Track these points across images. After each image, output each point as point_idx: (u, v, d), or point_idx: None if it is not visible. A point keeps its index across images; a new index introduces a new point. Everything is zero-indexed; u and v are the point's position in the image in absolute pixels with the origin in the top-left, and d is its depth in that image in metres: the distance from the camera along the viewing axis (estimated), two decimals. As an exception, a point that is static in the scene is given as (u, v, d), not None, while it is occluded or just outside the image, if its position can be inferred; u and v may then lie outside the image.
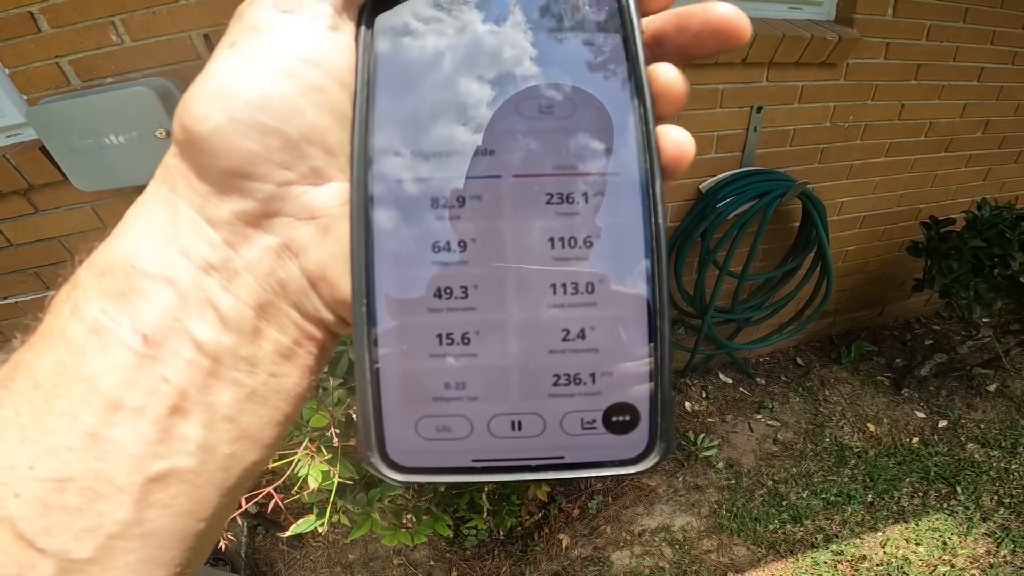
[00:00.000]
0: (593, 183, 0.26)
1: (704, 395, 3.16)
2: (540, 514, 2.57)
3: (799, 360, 3.42)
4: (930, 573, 2.35)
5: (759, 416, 3.05)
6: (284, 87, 0.25)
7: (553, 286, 0.26)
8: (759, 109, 2.40)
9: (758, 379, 3.26)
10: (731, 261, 2.60)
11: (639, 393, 0.27)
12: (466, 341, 0.26)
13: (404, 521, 1.69)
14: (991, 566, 2.34)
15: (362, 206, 0.26)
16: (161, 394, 0.24)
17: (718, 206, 2.46)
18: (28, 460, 0.23)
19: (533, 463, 0.27)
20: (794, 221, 2.77)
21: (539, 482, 0.34)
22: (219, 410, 0.26)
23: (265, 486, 1.31)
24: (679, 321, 3.00)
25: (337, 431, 1.30)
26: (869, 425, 2.98)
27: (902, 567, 2.37)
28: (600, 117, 0.27)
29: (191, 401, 0.25)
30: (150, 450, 0.24)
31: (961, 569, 2.34)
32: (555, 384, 0.27)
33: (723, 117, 2.38)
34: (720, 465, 2.79)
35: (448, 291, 0.26)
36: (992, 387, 3.15)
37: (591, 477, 0.28)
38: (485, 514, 2.04)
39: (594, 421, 0.27)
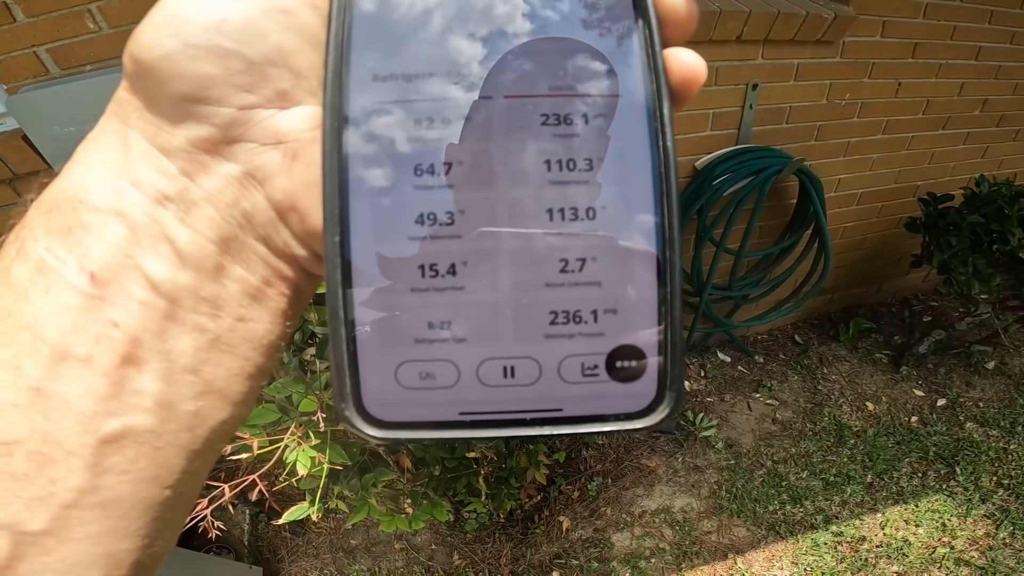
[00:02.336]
0: (594, 104, 0.23)
1: (703, 374, 3.11)
2: (539, 496, 2.54)
3: (797, 338, 3.37)
4: (930, 555, 2.32)
5: (758, 395, 3.01)
6: (244, 9, 0.23)
7: (550, 211, 0.23)
8: (755, 87, 2.35)
9: (756, 357, 3.22)
10: (728, 238, 2.56)
11: (647, 335, 0.23)
12: (452, 272, 0.23)
13: (402, 506, 1.64)
14: (990, 548, 2.31)
15: (336, 128, 0.23)
16: (111, 341, 0.22)
17: (714, 183, 2.42)
18: None
19: (528, 416, 0.24)
20: (791, 198, 2.73)
21: (535, 438, 0.28)
22: (179, 360, 0.23)
23: (250, 472, 1.24)
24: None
25: (324, 415, 1.23)
26: (868, 404, 2.94)
27: (902, 549, 2.34)
28: (603, 38, 0.24)
29: (145, 349, 0.22)
30: (101, 406, 0.21)
31: (960, 551, 2.31)
32: (552, 323, 0.23)
33: (719, 95, 2.33)
34: (719, 445, 2.75)
35: (432, 217, 0.23)
36: (991, 364, 3.10)
37: (593, 433, 0.24)
38: (483, 497, 1.99)
39: (596, 367, 0.24)
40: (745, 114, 2.42)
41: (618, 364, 0.24)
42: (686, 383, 3.03)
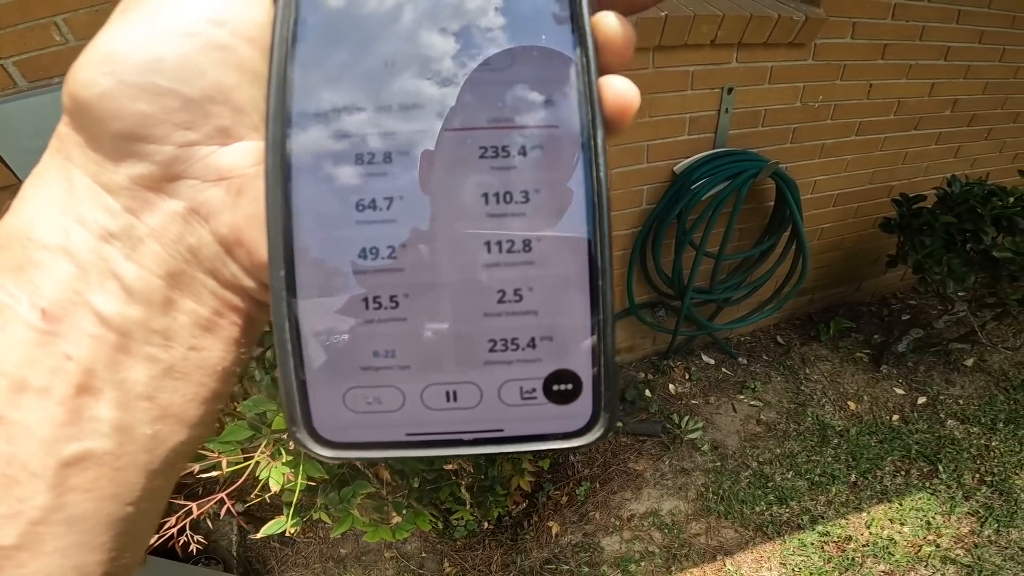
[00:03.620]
0: (530, 136, 0.24)
1: (687, 376, 3.08)
2: (527, 503, 2.50)
3: (779, 338, 3.35)
4: (916, 553, 2.28)
5: (742, 396, 2.98)
6: (180, 47, 0.22)
7: (488, 244, 0.24)
8: (730, 90, 2.33)
9: (740, 359, 3.19)
10: (708, 241, 2.54)
11: (581, 360, 0.24)
12: (395, 304, 0.24)
13: (386, 516, 1.61)
14: (976, 545, 2.28)
15: (278, 164, 0.23)
16: (66, 372, 0.22)
17: (692, 187, 2.40)
18: None
19: (470, 436, 0.25)
20: (768, 200, 2.70)
21: (478, 456, 0.31)
22: (133, 388, 0.24)
23: (220, 490, 1.20)
24: (659, 303, 2.94)
25: None
26: (850, 403, 2.91)
27: (887, 547, 2.30)
28: (539, 68, 0.24)
29: (99, 379, 0.23)
30: (61, 432, 0.22)
31: (946, 549, 2.28)
32: (491, 350, 0.24)
33: (694, 99, 2.31)
34: (705, 447, 2.72)
35: (374, 251, 0.23)
36: (969, 362, 3.07)
37: (532, 451, 0.26)
38: (468, 506, 1.95)
39: (534, 390, 0.24)
40: (721, 118, 2.40)
41: (555, 387, 0.24)
42: (671, 386, 3.02)
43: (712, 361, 3.18)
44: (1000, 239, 2.38)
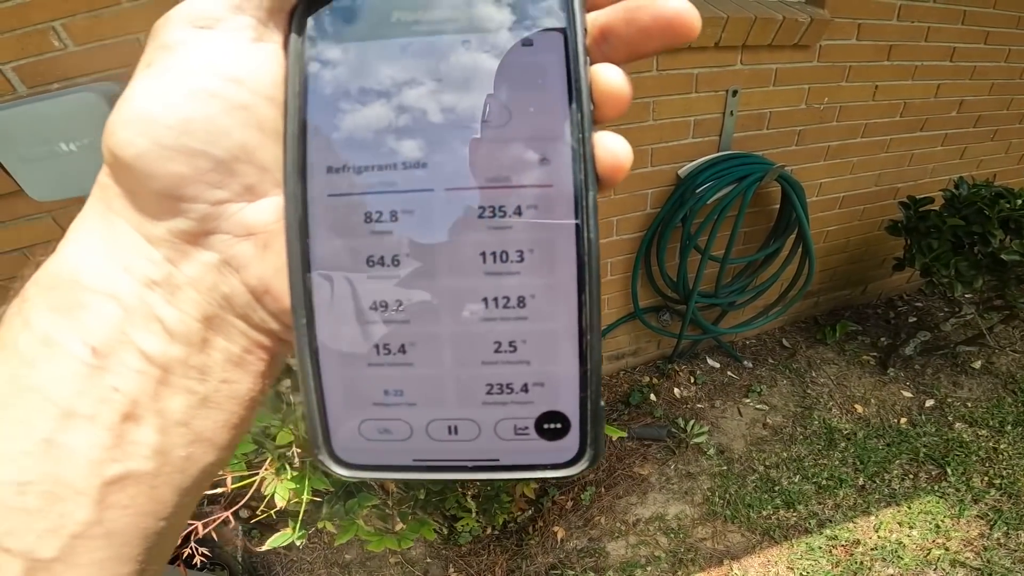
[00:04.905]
0: (525, 196, 0.25)
1: (692, 380, 3.06)
2: (532, 509, 2.48)
3: (785, 342, 3.32)
4: (925, 556, 2.25)
5: (747, 400, 2.95)
6: (205, 108, 0.24)
7: (485, 300, 0.26)
8: (734, 93, 2.31)
9: (745, 362, 3.16)
10: (713, 245, 2.51)
11: (570, 403, 0.26)
12: (403, 351, 0.26)
13: (390, 524, 1.60)
14: (985, 549, 2.24)
15: (296, 223, 0.25)
16: (113, 402, 0.24)
17: (697, 191, 2.37)
18: None
19: (470, 464, 0.27)
20: (774, 203, 2.68)
21: (476, 480, 0.32)
22: (172, 416, 0.26)
23: (227, 507, 1.19)
24: (664, 307, 2.92)
25: (300, 449, 1.18)
26: (857, 406, 2.88)
27: (896, 551, 2.27)
28: (535, 126, 0.25)
29: (143, 408, 0.25)
30: (106, 454, 0.24)
31: (956, 552, 2.25)
32: (488, 393, 0.27)
33: (699, 101, 2.29)
34: (711, 451, 2.69)
35: (383, 304, 0.26)
36: (977, 364, 3.04)
37: (524, 479, 0.29)
38: (474, 514, 1.93)
39: (527, 428, 0.27)
40: (726, 120, 2.37)
41: (545, 426, 0.27)
42: (676, 390, 3.00)
43: (717, 365, 3.15)
44: (1008, 242, 2.35)
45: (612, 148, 0.26)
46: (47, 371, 0.24)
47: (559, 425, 0.27)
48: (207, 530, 1.19)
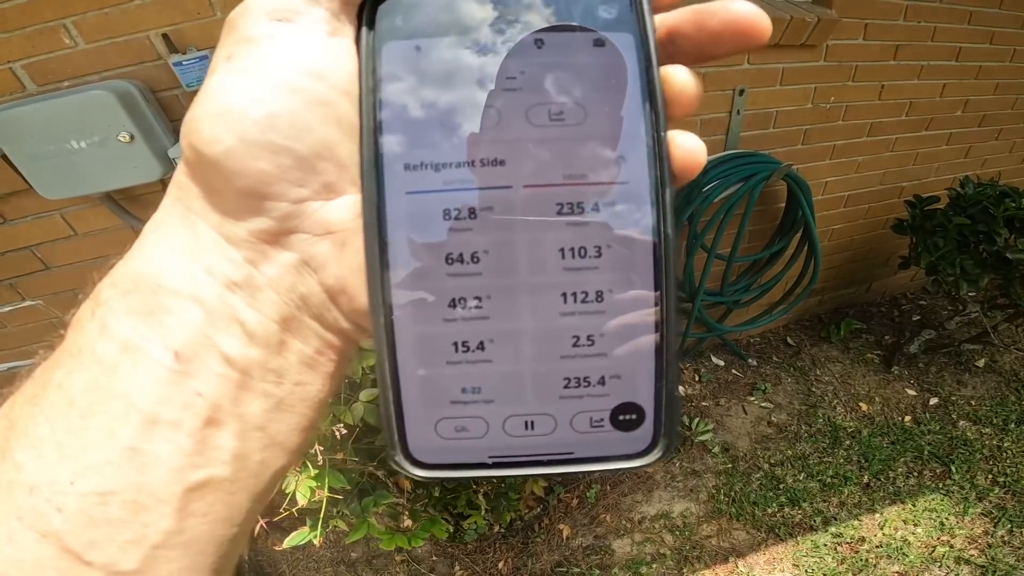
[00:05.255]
0: (603, 192, 0.25)
1: (697, 378, 3.06)
2: (539, 508, 2.48)
3: (789, 340, 3.32)
4: (930, 554, 2.26)
5: (752, 398, 2.96)
6: (290, 103, 0.24)
7: (564, 295, 0.26)
8: (741, 92, 2.31)
9: (750, 360, 3.16)
10: (719, 244, 2.51)
11: (645, 394, 0.27)
12: (481, 348, 0.26)
13: (401, 523, 1.61)
14: (989, 546, 2.25)
15: (374, 221, 0.25)
16: (196, 407, 0.24)
17: (704, 190, 2.38)
18: (68, 476, 0.23)
19: (545, 458, 0.27)
20: (780, 202, 2.68)
21: (550, 475, 0.36)
22: (250, 420, 0.26)
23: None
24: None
25: (322, 447, 1.18)
26: (861, 404, 2.89)
27: (901, 548, 2.28)
28: (611, 124, 0.25)
29: (224, 413, 0.25)
30: (188, 461, 0.24)
31: (960, 550, 2.26)
32: (566, 387, 0.27)
33: (706, 100, 2.28)
34: (716, 449, 2.70)
35: (463, 302, 0.26)
36: (981, 362, 3.04)
37: (598, 471, 0.28)
38: (483, 511, 1.93)
39: (602, 420, 0.27)
40: (733, 119, 2.37)
41: (621, 417, 0.27)
42: (681, 388, 2.98)
43: (722, 363, 3.16)
44: (1013, 240, 2.36)
45: (687, 145, 0.26)
46: (130, 378, 0.24)
47: (634, 416, 0.27)
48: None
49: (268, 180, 0.24)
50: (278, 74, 0.24)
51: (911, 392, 2.93)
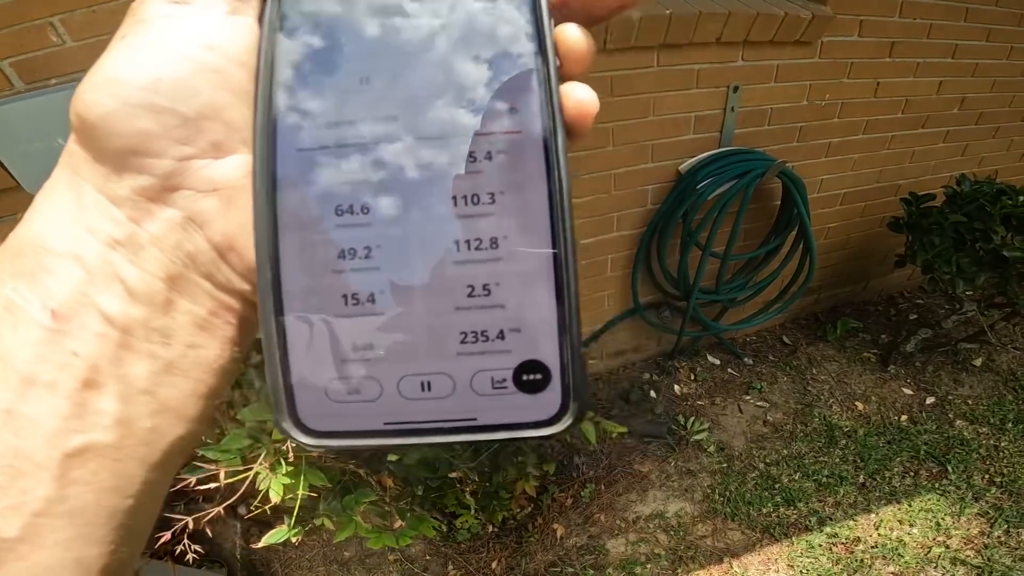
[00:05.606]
0: (496, 142, 0.25)
1: (692, 377, 3.05)
2: (532, 506, 2.47)
3: (785, 338, 3.31)
4: (925, 555, 2.25)
5: (748, 397, 2.95)
6: (177, 70, 0.24)
7: (457, 243, 0.25)
8: (735, 89, 2.30)
9: (746, 359, 3.15)
10: (714, 241, 2.50)
11: (549, 350, 0.26)
12: (372, 300, 0.25)
13: (390, 522, 1.59)
14: (986, 547, 2.24)
15: (265, 174, 0.25)
16: (73, 368, 0.24)
17: (698, 187, 2.36)
18: None
19: (446, 425, 0.26)
20: (775, 200, 2.67)
21: (453, 444, 0.33)
22: (135, 383, 0.25)
23: (220, 500, 1.17)
24: (664, 303, 2.91)
25: (294, 443, 1.16)
26: (857, 403, 2.88)
27: (897, 549, 2.27)
28: (505, 77, 0.26)
29: (103, 374, 0.24)
30: (66, 425, 0.24)
31: (956, 550, 2.25)
32: (463, 342, 0.26)
33: (700, 97, 2.28)
34: (711, 448, 2.69)
35: (352, 252, 0.25)
36: (978, 362, 3.03)
37: (505, 440, 0.27)
38: (472, 511, 1.92)
39: (504, 380, 0.26)
40: (727, 116, 2.37)
41: (524, 377, 0.26)
42: (676, 387, 3.00)
43: (717, 362, 3.15)
44: (1010, 238, 2.35)
45: (578, 96, 0.26)
46: (8, 338, 0.24)
47: (539, 376, 0.26)
48: (199, 525, 1.18)
49: (148, 139, 0.24)
50: (168, 46, 0.25)
51: (908, 391, 2.92)
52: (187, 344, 0.27)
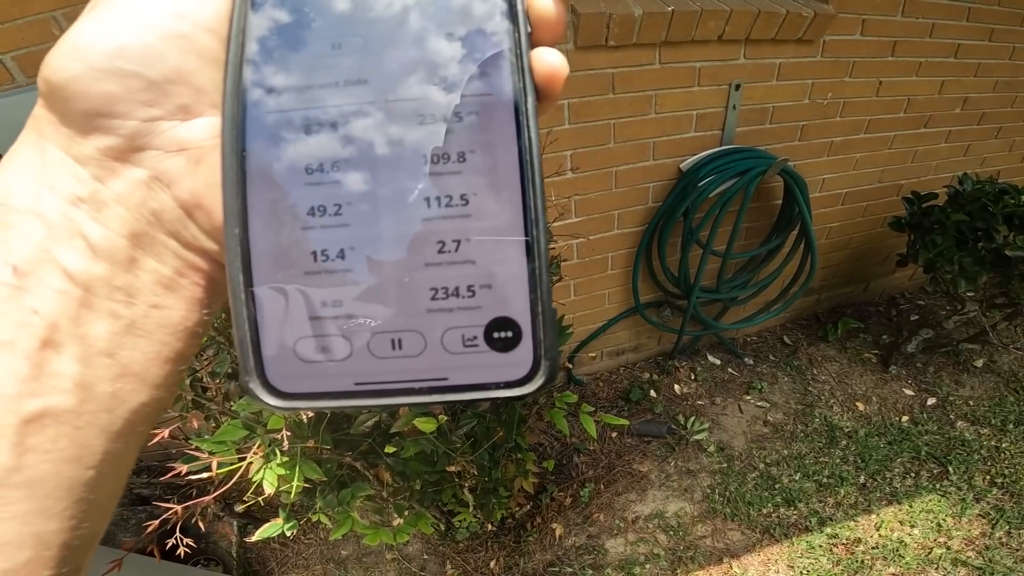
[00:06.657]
0: (467, 103, 0.26)
1: (693, 376, 3.04)
2: (530, 504, 2.46)
3: (786, 338, 3.30)
4: (926, 555, 2.24)
5: (748, 397, 2.94)
6: (144, 36, 0.24)
7: (427, 199, 0.26)
8: (737, 87, 2.29)
9: (746, 359, 3.15)
10: (714, 240, 2.49)
11: (520, 308, 0.26)
12: (341, 256, 0.25)
13: (387, 518, 1.58)
14: (987, 548, 2.23)
15: (233, 133, 0.25)
16: (31, 326, 0.23)
17: (699, 185, 2.36)
18: None
19: (416, 385, 0.26)
20: (776, 198, 2.67)
21: (424, 405, 0.34)
22: (95, 343, 0.24)
23: (213, 491, 1.16)
24: (665, 302, 2.90)
25: (289, 432, 1.15)
26: (858, 404, 2.87)
27: (897, 550, 2.26)
28: (475, 42, 0.26)
29: (63, 333, 0.24)
30: (24, 387, 0.23)
31: (957, 551, 2.24)
32: (433, 298, 0.26)
33: (701, 95, 2.27)
34: (711, 448, 2.68)
35: (322, 209, 0.25)
36: (979, 362, 3.02)
37: (477, 400, 0.27)
38: (471, 508, 1.91)
39: (475, 338, 0.26)
40: (728, 114, 2.36)
41: (495, 335, 0.26)
42: (677, 386, 2.99)
43: (718, 361, 3.14)
44: (1012, 238, 2.34)
45: (548, 59, 0.27)
46: None
47: (510, 333, 0.26)
48: (190, 516, 1.16)
49: (114, 101, 0.25)
50: (135, 14, 0.25)
51: (909, 392, 2.91)
52: (151, 304, 0.26)
